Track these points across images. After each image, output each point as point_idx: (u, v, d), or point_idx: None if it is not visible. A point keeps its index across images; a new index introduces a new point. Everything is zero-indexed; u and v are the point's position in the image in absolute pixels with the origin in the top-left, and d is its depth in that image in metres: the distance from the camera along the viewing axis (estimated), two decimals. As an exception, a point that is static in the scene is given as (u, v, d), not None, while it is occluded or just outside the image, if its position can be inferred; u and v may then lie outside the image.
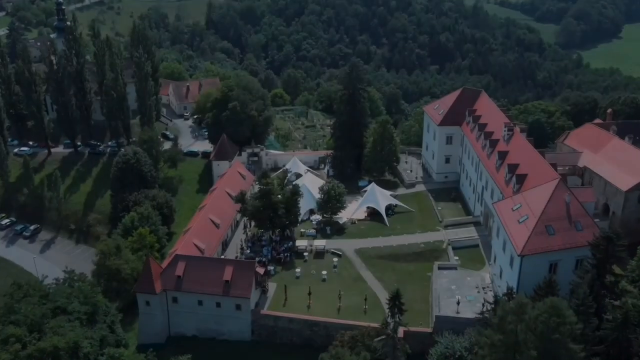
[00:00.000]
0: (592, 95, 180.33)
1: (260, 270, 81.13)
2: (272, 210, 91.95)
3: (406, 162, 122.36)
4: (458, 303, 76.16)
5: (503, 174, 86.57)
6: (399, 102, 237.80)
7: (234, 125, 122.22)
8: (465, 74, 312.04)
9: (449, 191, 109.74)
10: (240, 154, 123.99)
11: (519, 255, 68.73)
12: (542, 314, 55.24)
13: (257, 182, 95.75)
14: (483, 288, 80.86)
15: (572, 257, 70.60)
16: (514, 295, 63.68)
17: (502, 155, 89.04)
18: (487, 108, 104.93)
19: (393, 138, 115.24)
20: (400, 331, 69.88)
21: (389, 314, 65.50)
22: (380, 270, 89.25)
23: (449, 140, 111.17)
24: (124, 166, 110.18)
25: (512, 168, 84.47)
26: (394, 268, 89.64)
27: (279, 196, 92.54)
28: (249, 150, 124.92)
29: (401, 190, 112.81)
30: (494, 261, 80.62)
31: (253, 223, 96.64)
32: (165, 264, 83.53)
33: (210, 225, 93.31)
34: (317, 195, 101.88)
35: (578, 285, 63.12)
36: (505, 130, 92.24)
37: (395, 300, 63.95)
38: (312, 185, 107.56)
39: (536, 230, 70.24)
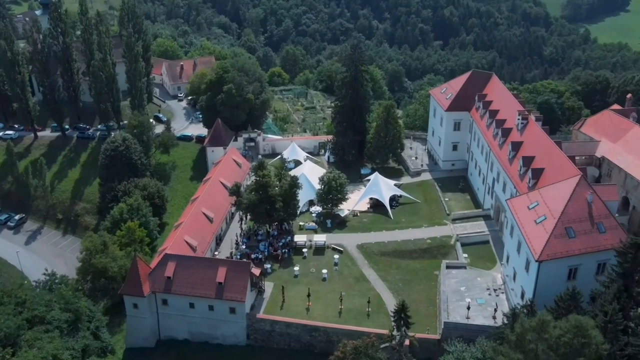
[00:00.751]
0: (604, 75, 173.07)
1: (256, 272, 75.59)
2: (269, 204, 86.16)
3: (411, 148, 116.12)
4: (468, 308, 70.86)
5: (517, 167, 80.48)
6: (401, 80, 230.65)
7: (230, 109, 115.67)
8: (470, 49, 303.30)
9: (457, 180, 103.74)
10: (236, 139, 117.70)
11: (536, 261, 63.03)
12: (566, 334, 49.83)
13: (252, 173, 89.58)
14: (495, 290, 75.53)
15: (594, 261, 65.02)
16: (532, 307, 58.18)
17: (516, 146, 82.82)
18: (499, 93, 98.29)
19: (398, 123, 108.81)
20: (406, 341, 64.61)
21: (395, 326, 60.07)
22: (384, 268, 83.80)
23: (457, 126, 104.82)
24: (113, 154, 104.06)
25: (527, 161, 78.33)
26: (399, 266, 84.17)
27: (277, 189, 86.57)
28: (245, 136, 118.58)
29: (406, 179, 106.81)
30: (507, 262, 75.03)
31: (249, 216, 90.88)
32: (154, 263, 78.03)
33: (203, 220, 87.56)
34: (317, 186, 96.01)
35: (603, 297, 57.48)
36: (519, 119, 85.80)
37: (401, 313, 58.41)
38: (311, 174, 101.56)
39: (555, 233, 64.39)
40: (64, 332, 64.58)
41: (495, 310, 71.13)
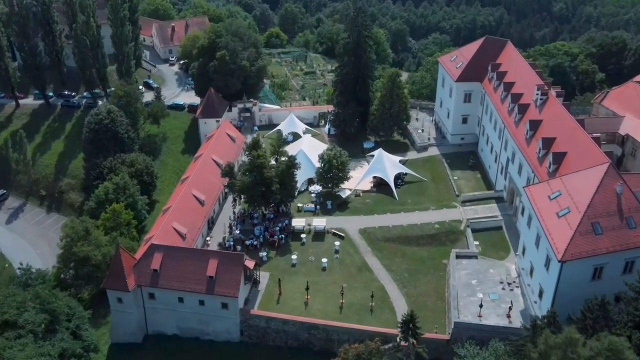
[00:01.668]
0: (620, 36, 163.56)
1: (250, 264, 69.58)
2: (264, 186, 79.55)
3: (417, 119, 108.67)
4: (480, 306, 65.08)
5: (535, 148, 73.42)
6: (405, 40, 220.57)
7: (223, 78, 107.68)
8: (477, 5, 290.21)
9: (466, 156, 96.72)
10: (230, 110, 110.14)
11: (559, 261, 56.77)
12: (597, 355, 44.08)
13: (247, 152, 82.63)
14: (509, 284, 69.71)
15: (621, 259, 58.73)
16: (554, 318, 52.27)
17: (534, 125, 75.55)
18: (514, 63, 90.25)
19: (403, 94, 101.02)
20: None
21: (402, 337, 54.34)
22: (388, 256, 77.80)
23: (468, 98, 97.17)
24: (97, 127, 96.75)
25: (547, 143, 71.26)
26: (404, 253, 78.15)
27: (272, 170, 79.78)
28: (240, 106, 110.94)
29: (412, 154, 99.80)
30: (523, 254, 68.83)
31: (243, 198, 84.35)
32: (140, 253, 71.97)
33: (194, 203, 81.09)
34: (317, 163, 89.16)
35: (634, 304, 51.62)
36: (537, 94, 78.24)
37: (410, 324, 52.55)
38: (311, 150, 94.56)
39: (580, 230, 57.87)
40: (39, 336, 58.94)
41: (510, 308, 65.46)
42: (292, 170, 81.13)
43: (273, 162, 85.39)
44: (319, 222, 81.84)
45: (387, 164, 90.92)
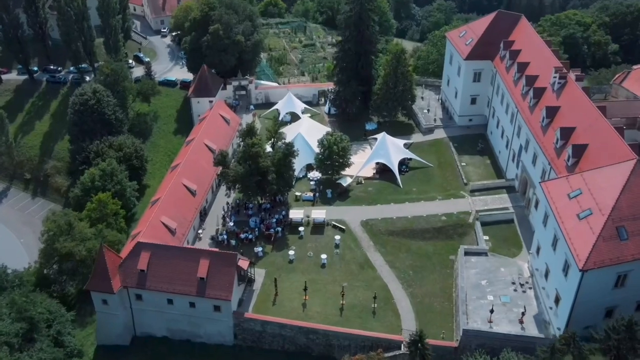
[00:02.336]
0: (637, 4, 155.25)
1: (244, 264, 64.80)
2: (260, 176, 74.25)
3: (422, 97, 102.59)
4: (491, 311, 60.49)
5: (552, 138, 67.79)
6: (409, 7, 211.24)
7: (217, 53, 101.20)
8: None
9: (475, 140, 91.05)
10: (224, 88, 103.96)
11: (580, 270, 51.88)
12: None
13: (240, 139, 77.06)
14: (521, 285, 65.00)
15: (647, 265, 54.00)
16: (574, 339, 47.65)
17: (552, 112, 69.73)
18: (529, 40, 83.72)
19: (409, 73, 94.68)
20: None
21: (410, 358, 49.87)
22: (392, 251, 73.00)
23: (477, 77, 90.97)
24: (82, 109, 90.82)
25: (566, 133, 65.59)
26: (409, 248, 73.31)
27: (269, 159, 74.29)
28: (235, 83, 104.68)
29: (417, 137, 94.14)
30: (537, 253, 63.91)
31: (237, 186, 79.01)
32: (125, 251, 67.16)
33: (184, 194, 75.93)
34: (317, 149, 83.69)
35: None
36: (555, 77, 72.15)
37: (418, 344, 47.97)
38: (309, 133, 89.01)
39: (604, 235, 52.81)
40: (15, 347, 54.57)
41: (523, 313, 60.88)
42: (289, 159, 75.72)
43: (269, 148, 79.94)
44: (318, 214, 76.79)
45: (391, 149, 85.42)
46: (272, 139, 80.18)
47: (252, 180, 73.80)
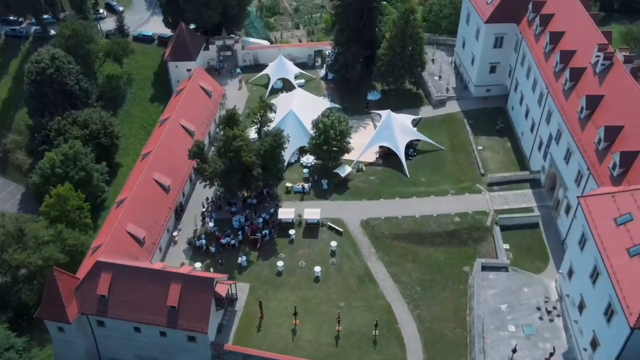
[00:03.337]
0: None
1: (222, 290, 54.93)
2: (244, 172, 63.26)
3: (432, 60, 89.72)
4: (514, 351, 51.21)
5: (593, 136, 56.30)
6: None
7: (196, 8, 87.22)
8: None
9: (493, 115, 79.31)
10: (207, 48, 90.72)
11: (631, 328, 41.98)
12: None
13: (220, 127, 65.56)
14: (548, 311, 55.58)
15: None
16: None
17: (593, 102, 57.73)
18: (565, 3, 70.16)
19: (419, 36, 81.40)
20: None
21: None
22: (396, 259, 63.07)
23: (499, 42, 78.02)
24: (39, 79, 78.29)
25: (611, 133, 54.08)
26: (416, 256, 63.34)
27: (253, 153, 62.88)
28: (219, 43, 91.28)
29: (426, 110, 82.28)
30: (568, 276, 53.96)
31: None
32: (83, 270, 57.14)
33: (156, 191, 65.10)
34: (311, 129, 72.24)
35: None
36: (598, 57, 59.66)
37: None
38: (303, 110, 77.27)
39: (662, 282, 42.72)
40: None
41: (552, 354, 51.72)
42: (278, 151, 64.38)
43: (253, 134, 68.42)
44: (312, 214, 66.21)
45: (397, 130, 73.85)
46: (258, 123, 68.51)
47: (233, 178, 62.82)
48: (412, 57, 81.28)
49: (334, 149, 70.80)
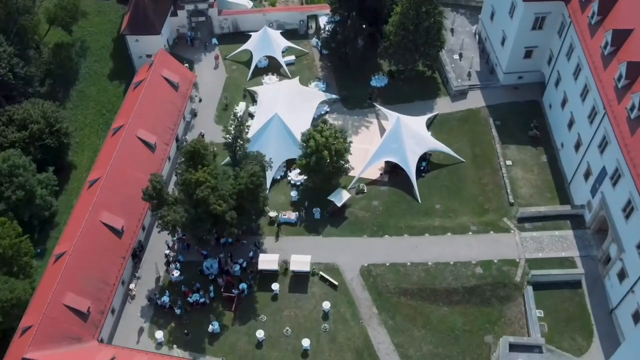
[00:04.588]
0: None
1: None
2: (214, 218, 49.91)
3: (452, 30, 73.12)
4: None
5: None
6: None
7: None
8: None
9: (525, 114, 64.48)
10: (175, 14, 73.65)
11: None
12: None
13: (179, 170, 51.34)
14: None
15: None
16: None
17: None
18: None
19: (437, 10, 64.56)
20: None
21: None
22: (403, 324, 51.39)
23: (539, 23, 61.54)
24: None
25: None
26: (428, 319, 51.61)
27: (225, 200, 49.06)
28: (190, 7, 73.97)
29: (443, 103, 67.27)
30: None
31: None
32: (10, 356, 45.54)
33: (105, 236, 51.97)
34: (300, 137, 58.18)
35: None
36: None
37: None
38: (291, 108, 62.53)
39: None
40: None
41: None
42: (257, 190, 50.59)
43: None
44: (300, 263, 53.52)
45: (407, 141, 59.44)
46: (232, 145, 54.12)
47: (201, 228, 49.59)
48: (428, 36, 64.98)
49: (330, 169, 56.89)
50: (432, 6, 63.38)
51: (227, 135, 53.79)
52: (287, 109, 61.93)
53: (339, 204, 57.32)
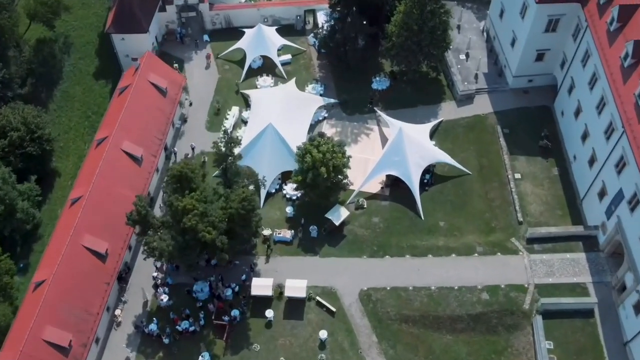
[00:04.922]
0: None
1: None
2: (202, 245, 46.69)
3: (458, 27, 68.85)
4: None
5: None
6: None
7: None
8: None
9: (535, 121, 60.81)
10: (163, 9, 69.19)
11: None
12: None
13: (167, 200, 47.69)
14: None
15: None
16: None
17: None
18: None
19: (444, 9, 60.33)
20: None
21: None
22: (405, 355, 48.68)
23: (553, 25, 57.39)
24: None
25: None
26: (431, 349, 48.84)
27: (213, 226, 45.71)
28: (180, 2, 69.45)
29: (448, 108, 63.45)
30: None
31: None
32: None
33: (87, 262, 48.75)
34: (295, 148, 54.68)
35: None
36: None
37: None
38: (286, 118, 58.74)
39: None
40: None
41: None
42: (250, 215, 47.24)
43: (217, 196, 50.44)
44: (296, 289, 50.49)
45: (410, 153, 55.83)
46: (223, 166, 50.57)
47: (189, 255, 46.42)
48: (433, 37, 60.81)
49: (327, 184, 53.43)
50: (438, 5, 59.14)
51: (217, 151, 50.12)
52: (282, 117, 58.19)
53: (337, 223, 54.03)
